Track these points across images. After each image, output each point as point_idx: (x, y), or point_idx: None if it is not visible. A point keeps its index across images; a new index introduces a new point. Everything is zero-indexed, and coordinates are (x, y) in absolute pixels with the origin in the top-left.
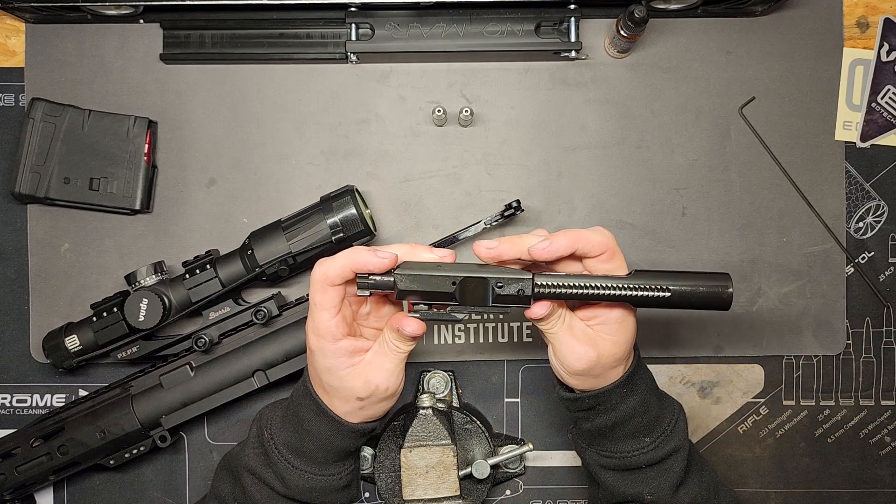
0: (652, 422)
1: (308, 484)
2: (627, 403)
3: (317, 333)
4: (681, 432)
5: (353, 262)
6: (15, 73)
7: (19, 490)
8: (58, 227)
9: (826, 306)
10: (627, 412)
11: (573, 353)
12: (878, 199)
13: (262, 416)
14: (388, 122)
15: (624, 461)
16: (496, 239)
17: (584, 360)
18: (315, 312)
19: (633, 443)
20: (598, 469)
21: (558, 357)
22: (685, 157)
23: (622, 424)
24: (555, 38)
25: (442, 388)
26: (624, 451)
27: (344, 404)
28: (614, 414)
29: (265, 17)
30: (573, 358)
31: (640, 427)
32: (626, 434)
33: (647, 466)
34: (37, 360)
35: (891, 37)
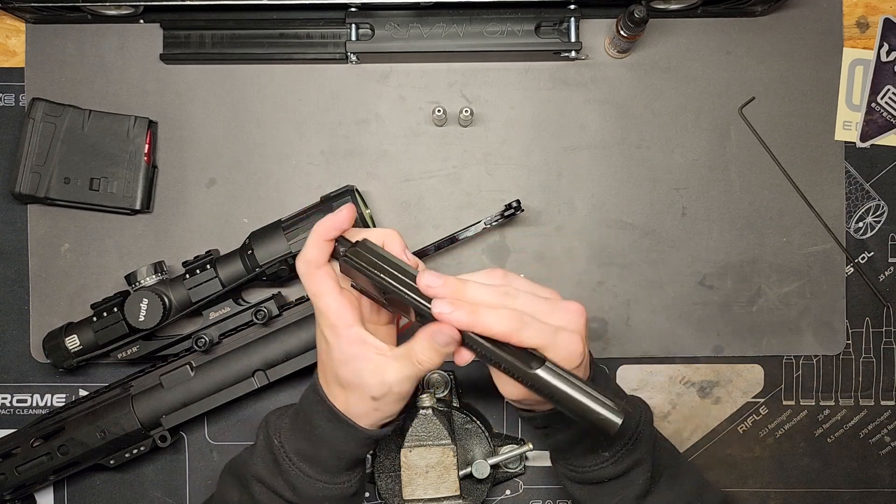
0: None
1: (321, 493)
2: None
3: (328, 323)
4: (643, 444)
5: (320, 231)
6: (15, 73)
7: (19, 490)
8: (58, 227)
9: (826, 306)
10: (583, 429)
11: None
12: (878, 199)
13: (269, 423)
14: (388, 122)
15: (586, 475)
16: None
17: (515, 394)
18: (318, 302)
19: (592, 458)
20: (567, 482)
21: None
22: (685, 157)
23: (579, 441)
24: (555, 38)
25: (442, 388)
26: (585, 465)
27: (360, 403)
28: (569, 432)
29: (265, 17)
30: (505, 388)
31: (597, 443)
32: (584, 450)
33: (609, 480)
34: (37, 360)
35: (891, 37)
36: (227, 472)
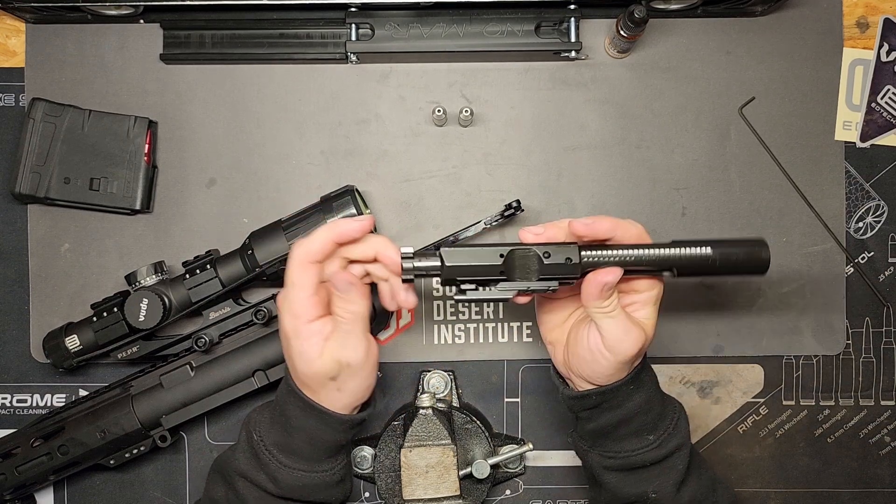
0: (655, 419)
1: (300, 481)
2: (633, 401)
3: (292, 313)
4: (683, 430)
5: (335, 233)
6: (15, 73)
7: (19, 490)
8: (58, 227)
9: (826, 306)
10: (632, 409)
11: (630, 336)
12: (878, 199)
13: (250, 419)
14: (388, 122)
15: (627, 460)
16: (541, 225)
17: (639, 341)
18: (291, 291)
19: (636, 441)
20: (601, 471)
21: (610, 341)
22: (685, 157)
23: (626, 422)
24: (555, 38)
25: (442, 388)
26: (627, 449)
27: (322, 390)
28: (619, 411)
29: (265, 17)
30: (630, 340)
31: (643, 425)
32: (629, 432)
33: (651, 465)
34: (37, 360)
35: (891, 37)
36: (213, 471)
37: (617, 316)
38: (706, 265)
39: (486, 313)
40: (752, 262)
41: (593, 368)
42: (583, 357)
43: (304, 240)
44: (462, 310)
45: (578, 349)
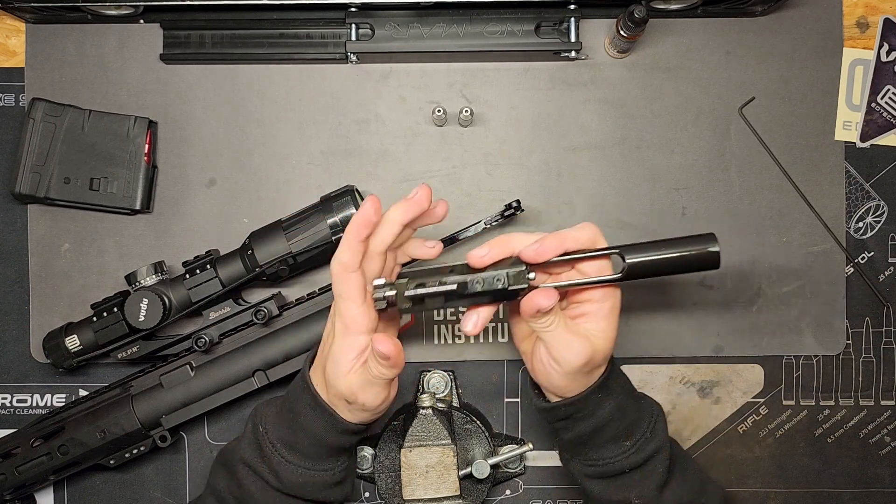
0: (630, 425)
1: (301, 478)
2: (604, 409)
3: (344, 323)
4: (661, 433)
5: (353, 232)
6: (15, 73)
7: (19, 490)
8: (58, 227)
9: (826, 306)
10: (604, 418)
11: (571, 348)
12: (878, 199)
13: (257, 411)
14: (388, 122)
15: (607, 468)
16: (485, 245)
17: (583, 354)
18: (342, 304)
19: (613, 448)
20: (584, 478)
21: (554, 355)
22: (685, 157)
23: (600, 431)
24: (555, 38)
25: (442, 388)
26: (605, 457)
27: (336, 400)
28: (592, 420)
29: (265, 17)
30: (572, 353)
31: (619, 432)
32: (605, 440)
33: (631, 470)
34: (37, 360)
35: (891, 37)
36: (217, 462)
37: (556, 329)
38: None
39: None
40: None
41: (549, 380)
42: (539, 369)
43: (336, 254)
44: (462, 309)
45: (535, 361)
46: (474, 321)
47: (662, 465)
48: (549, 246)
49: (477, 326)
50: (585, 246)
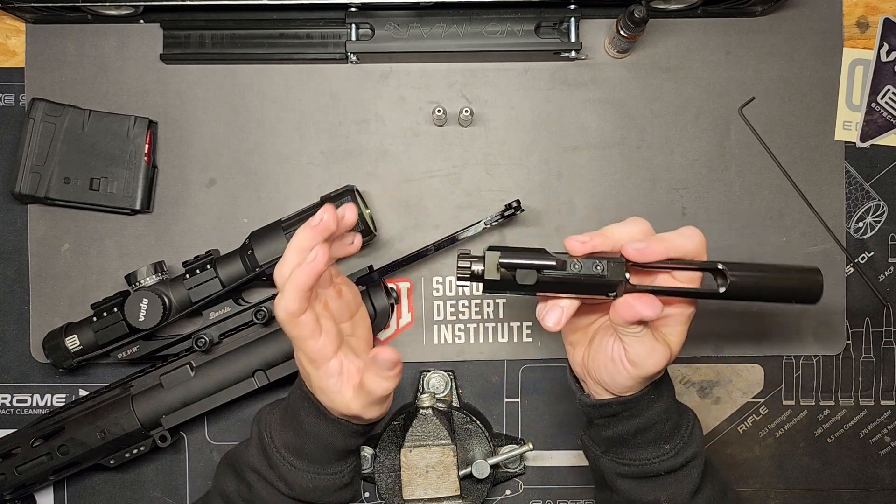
0: (672, 429)
1: (311, 484)
2: (653, 409)
3: (309, 359)
4: (698, 439)
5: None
6: (15, 73)
7: (19, 490)
8: (58, 227)
9: (826, 306)
10: (651, 419)
11: (654, 354)
12: (878, 199)
13: (260, 417)
14: (388, 122)
15: (643, 468)
16: (588, 234)
17: (664, 360)
18: (300, 345)
19: (653, 450)
20: (614, 477)
21: (633, 357)
22: (685, 157)
23: (644, 431)
24: (555, 38)
25: (442, 388)
26: (643, 458)
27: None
28: (638, 420)
29: (265, 17)
30: (654, 358)
31: (661, 434)
32: (646, 441)
33: (666, 474)
34: (37, 360)
35: (891, 37)
36: (224, 464)
37: (643, 335)
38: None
39: (485, 313)
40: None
41: (613, 378)
42: (604, 365)
43: (279, 302)
44: (462, 309)
45: (600, 356)
46: (558, 315)
47: (697, 470)
48: (654, 249)
49: (561, 321)
50: (690, 256)
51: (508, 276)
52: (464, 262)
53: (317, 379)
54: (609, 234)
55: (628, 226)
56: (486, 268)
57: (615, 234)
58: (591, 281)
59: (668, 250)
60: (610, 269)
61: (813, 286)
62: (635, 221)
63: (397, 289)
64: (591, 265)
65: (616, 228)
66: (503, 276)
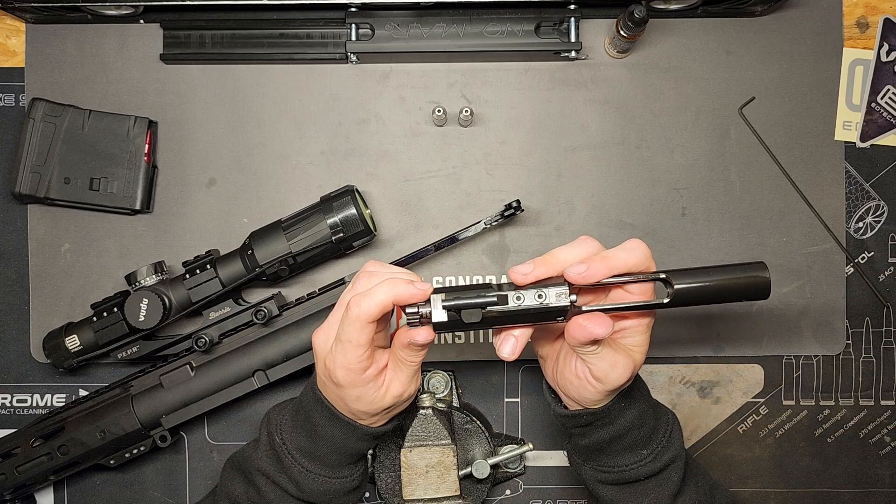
0: (649, 434)
1: (322, 487)
2: (625, 417)
3: (348, 369)
4: (677, 442)
5: (397, 295)
6: (15, 73)
7: (19, 490)
8: (58, 227)
9: (826, 306)
10: (625, 426)
11: (616, 368)
12: (878, 199)
13: (270, 420)
14: (388, 122)
15: (622, 475)
16: (529, 262)
17: (627, 372)
18: (349, 350)
19: (630, 456)
20: (596, 484)
21: (598, 374)
22: (685, 157)
23: (619, 438)
24: (555, 38)
25: (442, 388)
26: (622, 464)
27: (370, 417)
28: (612, 428)
29: (265, 17)
30: (617, 372)
31: (637, 440)
32: (623, 448)
33: (646, 478)
34: (37, 360)
35: (891, 37)
36: (231, 467)
37: (602, 352)
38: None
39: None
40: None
41: (580, 393)
42: (570, 381)
43: (362, 298)
44: None
45: (566, 373)
46: (512, 345)
47: (677, 473)
48: (596, 270)
49: (515, 351)
50: (634, 269)
51: (455, 317)
52: (412, 307)
53: (352, 390)
54: (554, 260)
55: (574, 248)
56: (434, 311)
57: (560, 258)
58: (536, 310)
59: (610, 269)
60: (553, 297)
61: (758, 283)
62: (582, 242)
63: None
64: (533, 296)
65: (561, 252)
66: (450, 317)
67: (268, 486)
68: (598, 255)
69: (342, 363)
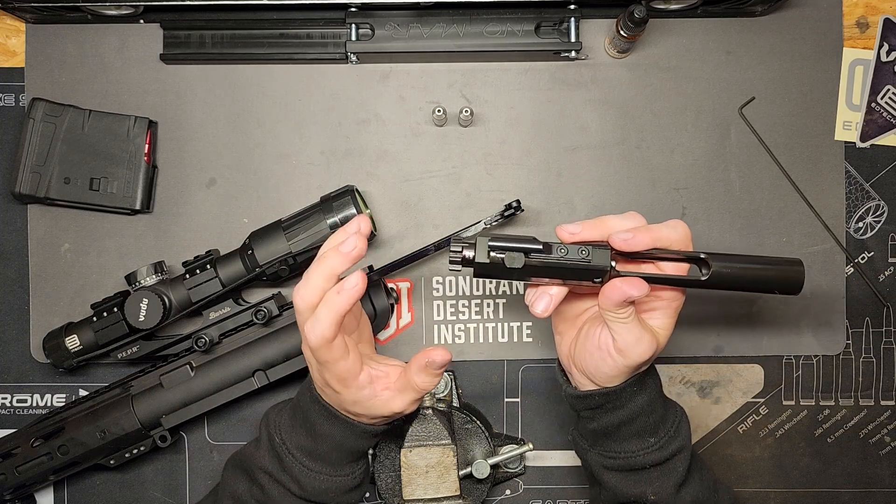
0: (657, 422)
1: (324, 485)
2: (636, 402)
3: (341, 380)
4: (684, 433)
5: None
6: (15, 73)
7: (19, 490)
8: (58, 227)
9: (826, 306)
10: (635, 411)
11: (641, 343)
12: (878, 199)
13: (269, 420)
14: (388, 122)
15: (628, 461)
16: (578, 223)
17: (650, 349)
18: (332, 368)
19: (637, 442)
20: (601, 470)
21: (622, 346)
22: (685, 157)
23: (628, 423)
24: (555, 38)
25: (442, 388)
26: (628, 451)
27: (369, 419)
28: (622, 412)
29: (265, 17)
30: (641, 347)
31: (645, 426)
32: (631, 434)
33: (652, 467)
34: (37, 360)
35: (891, 37)
36: (233, 466)
37: (631, 322)
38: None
39: (486, 313)
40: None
41: (598, 367)
42: (590, 354)
43: (313, 324)
44: (462, 309)
45: (587, 345)
46: (546, 302)
47: (683, 464)
48: (641, 239)
49: (549, 308)
50: (675, 246)
51: (498, 260)
52: (456, 246)
53: (348, 395)
54: (602, 224)
55: (623, 219)
56: (477, 252)
57: (608, 224)
58: (577, 266)
59: (654, 240)
60: (596, 256)
61: (795, 277)
62: (631, 216)
63: (397, 289)
64: (576, 251)
65: (609, 219)
66: (493, 259)
67: (271, 484)
68: (643, 226)
69: (334, 377)
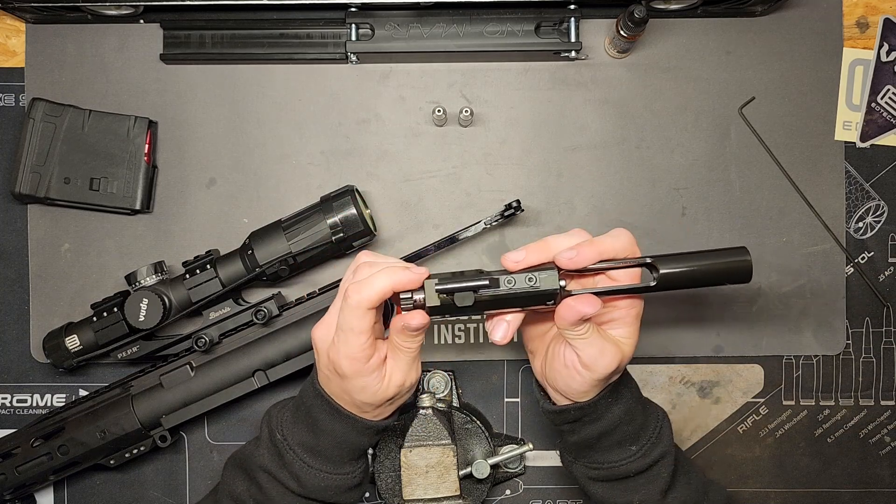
0: (637, 430)
1: (324, 483)
2: (613, 412)
3: (352, 358)
4: (666, 438)
5: (395, 281)
6: (15, 73)
7: (19, 490)
8: (58, 227)
9: (826, 306)
10: (613, 422)
11: (605, 355)
12: (878, 199)
13: (271, 417)
14: (388, 122)
15: (612, 471)
16: (522, 249)
17: (615, 360)
18: (351, 338)
19: (619, 452)
20: (587, 482)
21: (586, 361)
22: (685, 157)
23: (608, 434)
24: (555, 38)
25: (442, 388)
26: (611, 461)
27: (374, 410)
28: (600, 424)
29: (265, 17)
30: (605, 360)
31: (626, 436)
32: (612, 444)
33: (636, 475)
34: (37, 360)
35: (891, 37)
36: (232, 465)
37: (591, 336)
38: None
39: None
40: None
41: (568, 384)
42: (558, 372)
43: (360, 285)
44: None
45: (555, 363)
46: (504, 329)
47: (667, 469)
48: (585, 254)
49: (507, 335)
50: (621, 254)
51: (448, 301)
52: (405, 294)
53: (356, 381)
54: (546, 246)
55: (567, 237)
56: (427, 296)
57: (552, 245)
58: (527, 294)
59: (599, 253)
60: (543, 280)
61: (741, 267)
62: (575, 233)
63: None
64: (524, 279)
65: (553, 240)
66: (443, 301)
67: (270, 483)
68: (586, 241)
69: (346, 353)
